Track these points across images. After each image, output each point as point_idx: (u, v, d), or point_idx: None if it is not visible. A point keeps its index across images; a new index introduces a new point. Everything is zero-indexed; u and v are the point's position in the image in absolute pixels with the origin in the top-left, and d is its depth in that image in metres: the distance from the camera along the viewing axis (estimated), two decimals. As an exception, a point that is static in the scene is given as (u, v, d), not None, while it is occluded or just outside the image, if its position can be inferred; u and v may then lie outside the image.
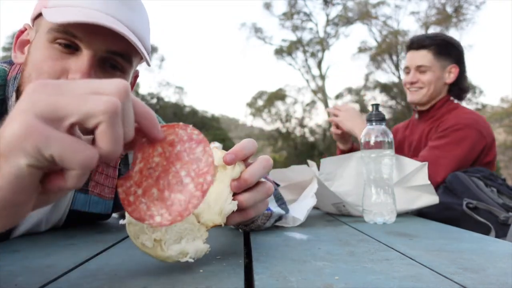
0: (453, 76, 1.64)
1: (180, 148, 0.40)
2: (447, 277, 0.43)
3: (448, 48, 1.66)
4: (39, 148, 0.30)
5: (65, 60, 0.64)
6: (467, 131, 1.48)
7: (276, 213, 0.76)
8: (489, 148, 1.52)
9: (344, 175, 1.04)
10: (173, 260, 0.47)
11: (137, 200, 0.39)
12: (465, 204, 1.20)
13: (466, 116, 1.56)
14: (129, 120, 0.35)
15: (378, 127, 0.92)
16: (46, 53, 0.65)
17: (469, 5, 18.76)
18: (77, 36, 0.64)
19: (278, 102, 23.15)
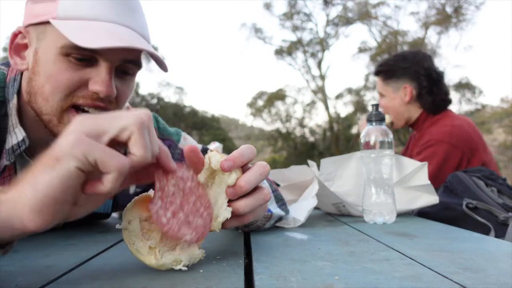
0: (408, 94, 1.69)
1: (191, 184, 0.49)
2: (447, 277, 0.43)
3: (396, 71, 1.72)
4: (85, 154, 0.38)
5: (81, 71, 0.65)
6: (437, 147, 1.54)
7: (276, 214, 0.76)
8: (471, 156, 1.55)
9: (344, 175, 1.05)
10: (167, 267, 0.47)
11: (169, 222, 0.46)
12: (465, 204, 1.19)
13: (440, 130, 1.59)
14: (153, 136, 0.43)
15: (378, 127, 0.92)
16: (60, 65, 0.65)
17: (468, 5, 18.76)
18: (97, 52, 0.64)
19: (278, 102, 23.14)
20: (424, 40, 19.40)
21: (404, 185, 0.99)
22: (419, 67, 1.69)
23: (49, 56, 0.65)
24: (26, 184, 0.39)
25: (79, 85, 0.65)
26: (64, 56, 0.64)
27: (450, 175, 1.31)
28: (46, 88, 0.65)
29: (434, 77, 1.68)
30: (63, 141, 0.39)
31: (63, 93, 0.65)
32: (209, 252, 0.58)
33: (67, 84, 0.64)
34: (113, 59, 0.66)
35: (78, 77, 0.65)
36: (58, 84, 0.65)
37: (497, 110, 20.69)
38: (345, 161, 1.06)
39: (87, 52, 0.64)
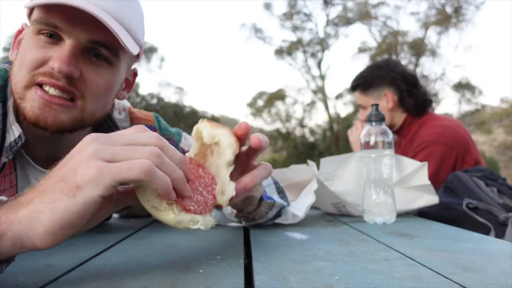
0: (390, 101, 1.72)
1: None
2: (447, 277, 0.43)
3: (372, 81, 1.75)
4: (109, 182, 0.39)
5: (48, 49, 0.65)
6: (433, 148, 1.55)
7: (278, 203, 0.76)
8: (464, 155, 1.57)
9: (344, 175, 1.05)
10: (184, 225, 0.46)
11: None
12: (465, 204, 1.19)
13: (432, 131, 1.61)
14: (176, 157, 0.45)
15: (378, 127, 0.92)
16: (31, 43, 0.65)
17: (468, 6, 18.75)
18: (59, 27, 0.64)
19: (278, 102, 23.13)
20: (424, 40, 19.41)
21: (404, 185, 0.99)
22: (394, 72, 1.72)
23: (26, 37, 0.67)
24: (42, 206, 0.38)
25: (41, 62, 0.64)
26: (35, 34, 0.65)
27: (450, 175, 1.31)
28: (16, 67, 0.67)
29: (410, 80, 1.71)
30: (85, 171, 0.39)
31: (25, 69, 0.65)
32: (209, 252, 0.58)
33: (32, 60, 0.64)
34: (78, 37, 0.64)
35: (42, 54, 0.64)
36: (23, 61, 0.65)
37: (497, 110, 20.68)
38: (345, 161, 1.06)
39: (50, 27, 0.64)
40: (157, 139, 0.44)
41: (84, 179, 0.39)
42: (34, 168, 0.75)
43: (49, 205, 0.38)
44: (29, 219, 0.38)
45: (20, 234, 0.38)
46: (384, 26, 20.90)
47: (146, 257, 0.55)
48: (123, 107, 0.89)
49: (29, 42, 0.66)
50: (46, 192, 0.39)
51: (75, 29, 0.64)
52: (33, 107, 0.64)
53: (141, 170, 0.40)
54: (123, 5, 0.68)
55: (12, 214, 0.39)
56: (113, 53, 0.68)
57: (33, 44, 0.65)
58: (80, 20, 0.63)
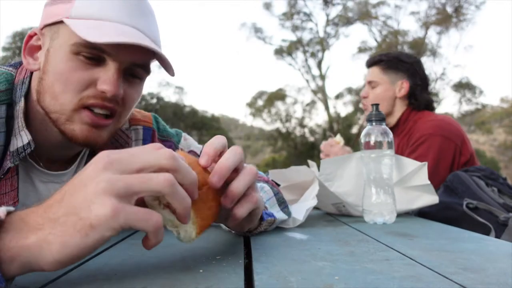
0: (404, 90, 1.72)
1: None
2: (447, 277, 0.43)
3: (397, 63, 1.75)
4: (121, 225, 0.39)
5: (90, 70, 0.66)
6: (431, 140, 1.55)
7: (279, 219, 0.76)
8: (461, 147, 1.57)
9: (344, 175, 1.05)
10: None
11: None
12: (465, 204, 1.19)
13: (428, 124, 1.61)
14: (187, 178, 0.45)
15: (378, 127, 0.92)
16: (70, 64, 0.66)
17: (469, 5, 18.75)
18: (106, 51, 0.66)
19: (278, 102, 23.13)
20: (424, 40, 19.41)
21: (404, 185, 0.99)
22: (418, 67, 1.74)
23: (60, 55, 0.67)
24: (53, 238, 0.38)
25: (88, 84, 0.66)
26: (74, 54, 0.65)
27: (450, 175, 1.31)
28: (55, 86, 0.67)
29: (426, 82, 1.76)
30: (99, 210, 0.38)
31: (72, 91, 0.66)
32: (209, 252, 0.58)
33: (77, 82, 0.66)
34: (122, 60, 0.67)
35: (87, 76, 0.66)
36: (67, 83, 0.66)
37: (497, 110, 20.68)
38: (345, 161, 1.06)
39: (96, 51, 0.65)
40: (171, 160, 0.43)
41: (98, 220, 0.38)
42: (38, 170, 0.75)
43: (60, 239, 0.38)
44: (38, 248, 0.38)
45: (29, 260, 0.39)
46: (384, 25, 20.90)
47: (146, 257, 0.55)
48: None
49: (68, 62, 0.66)
50: (58, 223, 0.39)
51: (119, 53, 0.66)
52: (83, 130, 0.68)
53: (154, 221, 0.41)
54: (150, 20, 0.72)
55: (21, 239, 0.38)
56: (145, 70, 0.73)
57: (74, 65, 0.66)
58: (126, 45, 0.65)
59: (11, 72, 0.73)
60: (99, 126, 0.69)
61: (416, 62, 1.77)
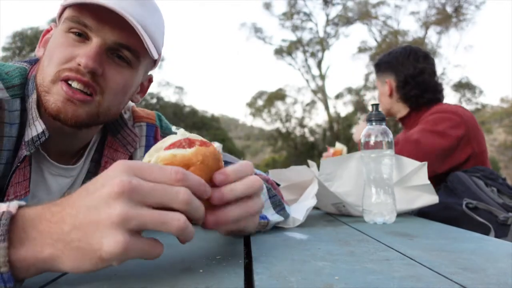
0: (387, 87, 1.74)
1: None
2: (447, 277, 0.43)
3: (381, 64, 1.79)
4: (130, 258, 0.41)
5: (76, 47, 0.69)
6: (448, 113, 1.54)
7: (272, 221, 0.75)
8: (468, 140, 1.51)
9: (344, 175, 1.05)
10: None
11: None
12: (465, 204, 1.20)
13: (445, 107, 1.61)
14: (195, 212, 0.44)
15: (378, 127, 0.92)
16: (60, 40, 0.69)
17: (469, 5, 18.75)
18: (88, 26, 0.68)
19: (278, 102, 23.14)
20: (424, 40, 19.41)
21: (404, 185, 0.99)
22: (397, 61, 1.72)
23: (56, 35, 0.71)
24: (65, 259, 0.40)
25: (69, 59, 0.68)
26: (65, 32, 0.69)
27: (450, 175, 1.30)
28: (45, 62, 0.71)
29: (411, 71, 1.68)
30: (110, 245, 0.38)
31: (54, 64, 0.68)
32: (209, 252, 0.58)
33: (59, 57, 0.68)
34: (105, 37, 0.69)
35: (70, 51, 0.68)
36: (52, 57, 0.69)
37: (497, 110, 20.69)
38: (345, 161, 1.06)
39: (80, 25, 0.68)
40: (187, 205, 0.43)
41: (108, 254, 0.39)
42: (48, 162, 0.77)
43: (72, 262, 0.40)
44: (53, 261, 0.40)
45: (43, 268, 0.41)
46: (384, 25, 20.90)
47: (146, 257, 0.55)
48: (127, 106, 0.92)
49: (59, 39, 0.70)
50: (71, 247, 0.40)
51: (103, 30, 0.68)
52: (56, 101, 0.68)
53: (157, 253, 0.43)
54: (149, 14, 0.73)
55: (37, 253, 0.40)
56: (134, 55, 0.73)
57: (62, 41, 0.69)
58: (109, 21, 0.67)
59: (25, 67, 0.75)
60: (75, 101, 0.68)
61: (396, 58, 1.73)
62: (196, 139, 0.50)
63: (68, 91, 0.67)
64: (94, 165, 0.84)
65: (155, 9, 0.75)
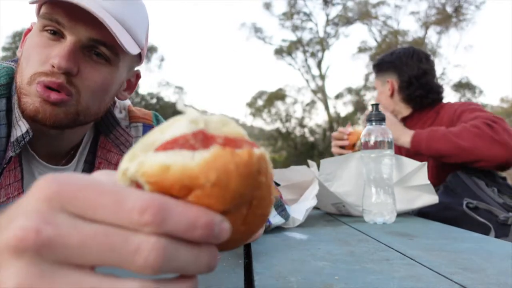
0: (389, 88, 1.71)
1: None
2: (447, 277, 0.43)
3: (382, 64, 1.76)
4: None
5: (50, 47, 0.67)
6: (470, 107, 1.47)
7: (274, 224, 0.76)
8: None
9: (344, 175, 1.05)
10: None
11: None
12: (465, 204, 1.19)
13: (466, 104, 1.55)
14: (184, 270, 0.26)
15: (378, 127, 0.92)
16: (36, 40, 0.68)
17: (469, 5, 18.75)
18: (61, 23, 0.66)
19: (278, 102, 23.14)
20: (424, 40, 19.41)
21: (404, 185, 0.99)
22: (401, 61, 1.70)
23: (32, 34, 0.69)
24: None
25: (44, 61, 0.66)
26: (40, 31, 0.67)
27: (450, 175, 1.30)
28: (23, 64, 0.69)
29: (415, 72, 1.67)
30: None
31: (31, 67, 0.67)
32: (209, 252, 0.58)
33: (36, 58, 0.66)
34: (79, 34, 0.66)
35: (45, 51, 0.66)
36: (29, 58, 0.67)
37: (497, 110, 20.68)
38: (345, 161, 1.06)
39: (54, 23, 0.66)
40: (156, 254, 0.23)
41: None
42: (38, 162, 0.76)
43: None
44: None
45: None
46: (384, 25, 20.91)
47: (146, 257, 0.55)
48: (123, 106, 0.90)
49: (34, 38, 0.68)
50: None
51: (76, 27, 0.66)
52: (34, 102, 0.66)
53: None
54: (125, 6, 0.70)
55: None
56: (112, 52, 0.70)
57: (37, 41, 0.67)
58: (82, 18, 0.65)
59: (12, 67, 0.74)
60: (52, 102, 0.66)
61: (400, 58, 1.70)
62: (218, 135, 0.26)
63: (44, 92, 0.65)
64: (88, 167, 0.83)
65: (135, 1, 0.73)
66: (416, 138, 1.37)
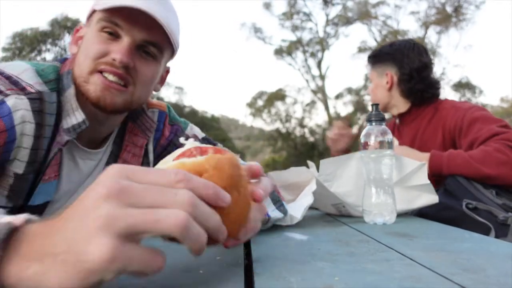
0: (388, 81, 1.65)
1: None
2: (447, 278, 0.43)
3: (381, 56, 1.70)
4: (122, 269, 0.35)
5: (108, 44, 0.78)
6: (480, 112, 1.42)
7: (273, 218, 0.77)
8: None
9: (343, 175, 1.04)
10: None
11: None
12: (464, 205, 1.19)
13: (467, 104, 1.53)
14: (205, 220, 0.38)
15: (378, 127, 0.92)
16: (94, 39, 0.79)
17: (469, 5, 18.75)
18: (120, 25, 0.77)
19: (278, 102, 23.14)
20: (424, 40, 19.41)
21: (404, 185, 0.99)
22: (402, 54, 1.64)
23: (89, 35, 0.80)
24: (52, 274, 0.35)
25: (104, 54, 0.77)
26: (99, 32, 0.78)
27: (448, 178, 1.29)
28: (81, 57, 0.80)
29: (416, 65, 1.62)
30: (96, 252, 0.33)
31: (90, 59, 0.78)
32: (209, 253, 0.58)
33: (95, 52, 0.78)
34: (135, 35, 0.78)
35: (104, 48, 0.78)
36: (88, 52, 0.78)
37: (497, 110, 20.68)
38: (345, 162, 1.06)
39: (112, 24, 0.77)
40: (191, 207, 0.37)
41: (94, 265, 0.34)
42: (78, 148, 0.86)
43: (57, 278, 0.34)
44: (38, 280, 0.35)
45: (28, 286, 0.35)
46: (384, 25, 20.91)
47: (146, 257, 0.55)
48: None
49: (93, 38, 0.79)
50: (58, 261, 0.35)
51: (133, 29, 0.77)
52: (96, 90, 0.77)
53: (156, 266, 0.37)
54: (169, 12, 0.81)
55: (23, 270, 0.35)
56: (159, 50, 0.82)
57: (96, 39, 0.78)
58: (138, 21, 0.76)
59: (56, 65, 0.84)
60: (111, 89, 0.77)
61: (400, 50, 1.65)
62: (209, 147, 0.45)
63: (105, 81, 0.77)
64: (117, 148, 0.94)
65: (172, 7, 0.84)
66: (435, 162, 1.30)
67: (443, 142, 1.51)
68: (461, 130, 1.43)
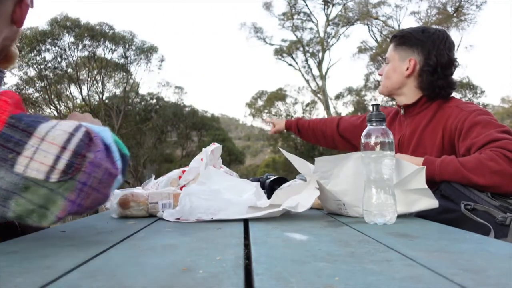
0: (410, 68, 1.55)
1: None
2: (448, 278, 0.43)
3: (409, 39, 1.58)
4: None
5: None
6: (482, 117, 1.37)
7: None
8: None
9: (340, 174, 1.03)
10: None
11: None
12: (463, 206, 1.19)
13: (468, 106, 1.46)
14: None
15: (379, 127, 0.92)
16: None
17: (470, 5, 18.75)
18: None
19: (278, 102, 23.15)
20: (424, 40, 19.37)
21: (403, 187, 0.98)
22: (433, 44, 1.54)
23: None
24: None
25: None
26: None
27: (442, 184, 1.28)
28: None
29: (443, 61, 1.53)
30: None
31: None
32: (209, 253, 0.58)
33: None
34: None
35: None
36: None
37: (498, 110, 20.68)
38: (342, 161, 1.05)
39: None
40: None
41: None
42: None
43: None
44: None
45: None
46: (384, 25, 20.90)
47: (146, 257, 0.55)
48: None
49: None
50: None
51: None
52: None
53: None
54: None
55: None
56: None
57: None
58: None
59: None
60: None
61: (433, 40, 1.54)
62: None
63: None
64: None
65: None
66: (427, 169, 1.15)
67: (442, 143, 1.48)
68: (460, 133, 1.40)
